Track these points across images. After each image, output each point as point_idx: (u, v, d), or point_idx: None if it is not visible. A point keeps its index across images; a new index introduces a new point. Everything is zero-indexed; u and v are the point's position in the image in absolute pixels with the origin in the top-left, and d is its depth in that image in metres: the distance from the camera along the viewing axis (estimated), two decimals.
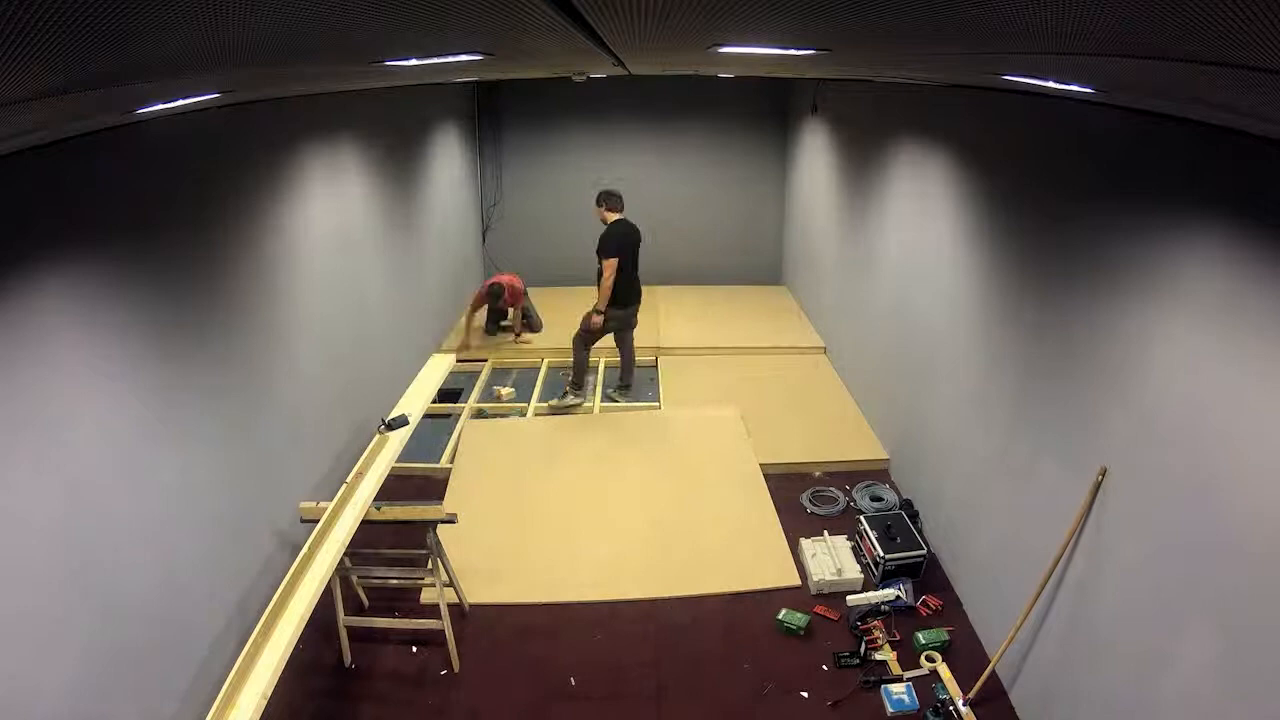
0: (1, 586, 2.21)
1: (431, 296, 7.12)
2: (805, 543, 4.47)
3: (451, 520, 3.65)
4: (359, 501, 3.58)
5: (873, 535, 4.40)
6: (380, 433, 3.98)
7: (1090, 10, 0.97)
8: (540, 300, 8.71)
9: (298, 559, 3.16)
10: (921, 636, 3.79)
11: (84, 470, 2.57)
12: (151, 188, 3.00)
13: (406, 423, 4.07)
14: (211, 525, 3.32)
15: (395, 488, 5.31)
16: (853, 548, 4.49)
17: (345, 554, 3.81)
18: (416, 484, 5.34)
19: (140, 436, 2.87)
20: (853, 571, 4.29)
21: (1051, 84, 2.31)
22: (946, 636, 3.81)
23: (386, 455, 3.88)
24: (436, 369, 4.82)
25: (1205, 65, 1.17)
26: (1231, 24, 0.84)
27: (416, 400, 4.46)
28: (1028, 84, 2.52)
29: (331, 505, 3.49)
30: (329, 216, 4.68)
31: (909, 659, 3.78)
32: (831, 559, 4.35)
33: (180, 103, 2.44)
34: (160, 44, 1.15)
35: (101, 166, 2.70)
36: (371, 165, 5.46)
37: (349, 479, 3.66)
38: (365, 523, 3.56)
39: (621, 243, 5.92)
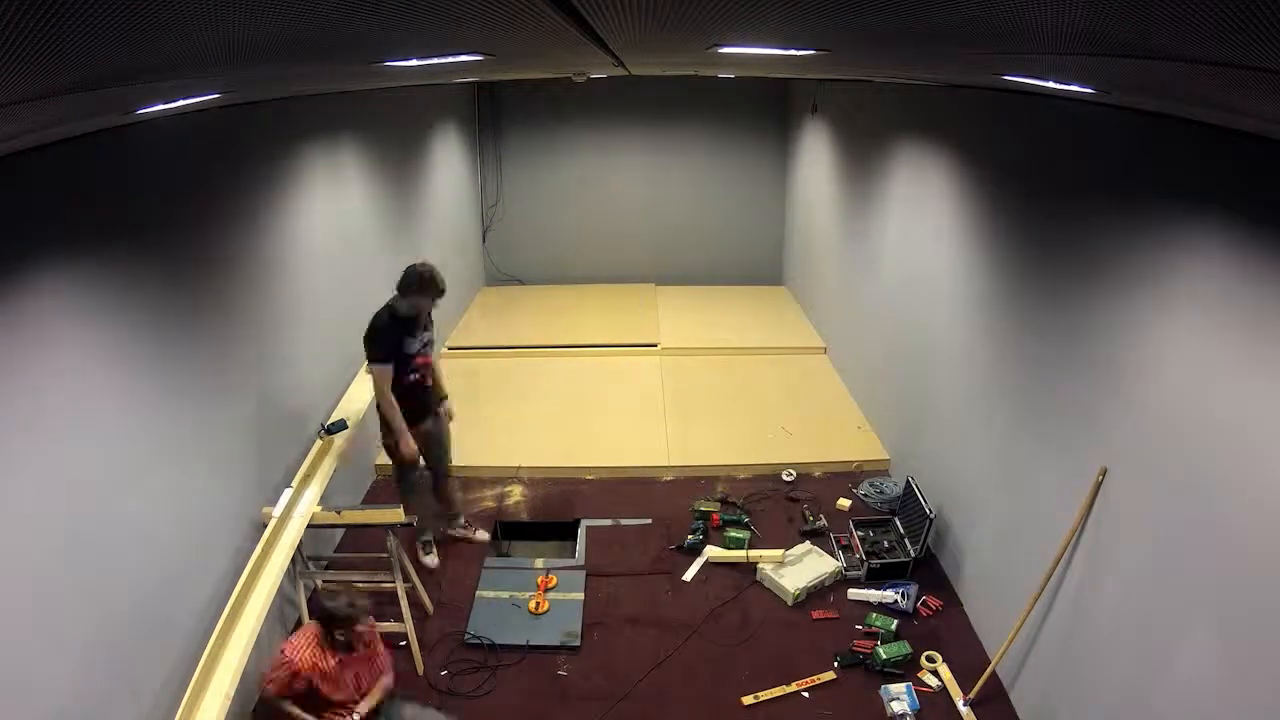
0: (2, 584, 2.21)
1: None
2: (768, 565, 4.37)
3: (410, 524, 3.66)
4: (306, 505, 3.59)
5: (858, 536, 4.56)
6: (321, 438, 3.98)
7: (1091, 10, 0.97)
8: (541, 300, 8.74)
9: (250, 562, 3.19)
10: (882, 652, 3.74)
11: (83, 470, 2.57)
12: (151, 188, 3.00)
13: (345, 427, 4.08)
14: (206, 523, 3.32)
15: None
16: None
17: (308, 559, 3.84)
18: None
19: (138, 436, 2.87)
20: (826, 567, 4.36)
21: (1051, 84, 2.31)
22: (909, 650, 3.77)
23: (330, 459, 3.89)
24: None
25: (1205, 65, 1.17)
26: (1231, 24, 0.84)
27: (353, 404, 4.44)
28: (1028, 84, 2.52)
29: (280, 510, 3.51)
30: (329, 217, 4.68)
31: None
32: (802, 567, 4.37)
33: (180, 103, 2.44)
34: (161, 44, 1.15)
35: (101, 166, 2.69)
36: (372, 166, 5.46)
37: (294, 482, 3.67)
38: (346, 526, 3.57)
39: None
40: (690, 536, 4.67)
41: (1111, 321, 2.85)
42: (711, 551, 4.56)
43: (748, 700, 3.58)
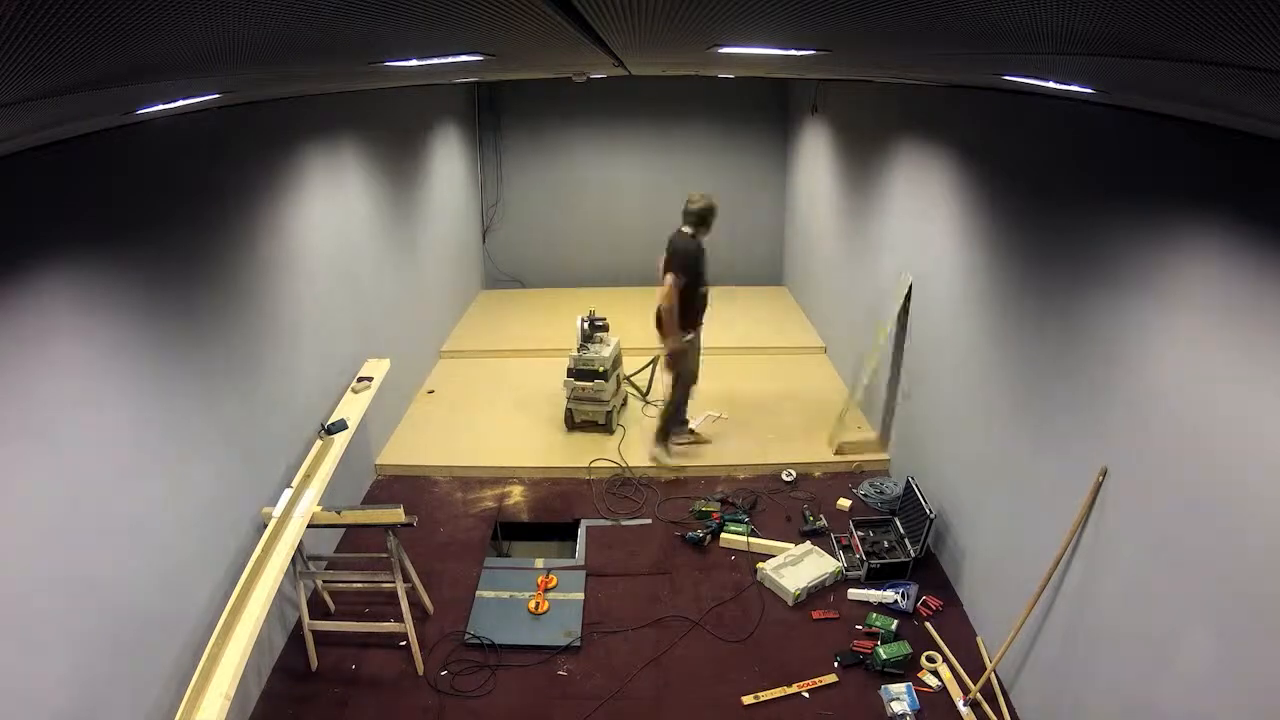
0: (2, 584, 2.21)
1: (431, 297, 7.12)
2: (770, 563, 4.36)
3: (410, 524, 3.66)
4: (306, 505, 3.59)
5: (858, 536, 4.57)
6: (321, 437, 3.99)
7: (1090, 10, 0.97)
8: (541, 301, 8.74)
9: (250, 562, 3.19)
10: (882, 652, 3.73)
11: (83, 471, 2.57)
12: (151, 188, 3.00)
13: (345, 427, 4.07)
14: (206, 524, 3.32)
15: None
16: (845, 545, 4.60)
17: (308, 558, 3.84)
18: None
19: (138, 437, 2.87)
20: (827, 567, 4.35)
21: (1051, 84, 2.31)
22: (909, 650, 3.77)
23: (330, 459, 3.89)
24: (373, 373, 4.81)
25: (1206, 65, 1.17)
26: (1231, 24, 0.84)
27: (355, 405, 4.44)
28: (1028, 84, 2.53)
29: (280, 510, 3.51)
30: (329, 217, 4.68)
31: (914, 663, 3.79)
32: (803, 567, 4.37)
33: (180, 103, 2.44)
34: (161, 44, 1.15)
35: (101, 166, 2.70)
36: (372, 165, 5.46)
37: (294, 483, 3.68)
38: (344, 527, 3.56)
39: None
40: (694, 533, 4.70)
41: (1111, 321, 2.85)
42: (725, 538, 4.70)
43: (748, 700, 3.58)
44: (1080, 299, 3.06)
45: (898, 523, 4.64)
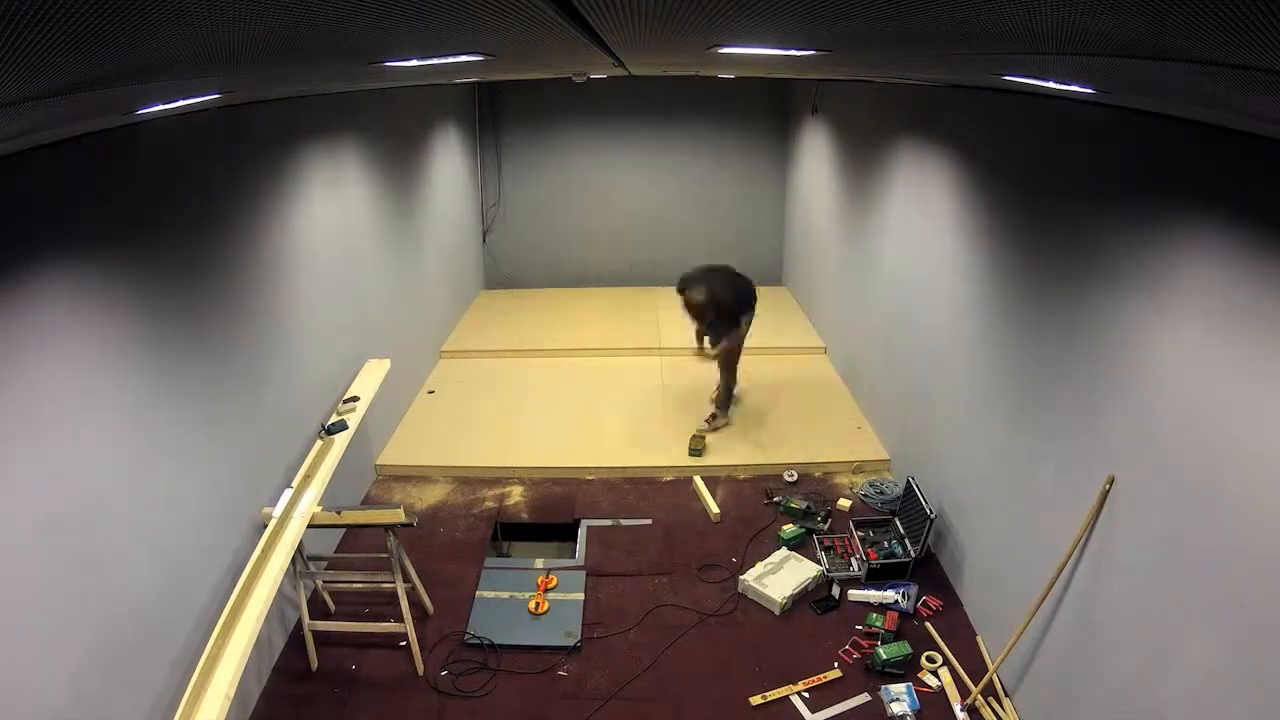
0: (2, 584, 2.21)
1: (431, 297, 7.12)
2: (750, 574, 4.31)
3: (410, 525, 3.66)
4: (306, 505, 3.59)
5: (858, 536, 4.55)
6: (321, 438, 3.99)
7: (1090, 10, 0.97)
8: (542, 301, 8.73)
9: (250, 563, 3.19)
10: (883, 652, 3.72)
11: (83, 471, 2.57)
12: (151, 188, 3.00)
13: (345, 428, 4.08)
14: (206, 524, 3.32)
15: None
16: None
17: (308, 558, 3.84)
18: None
19: (138, 437, 2.87)
20: (808, 572, 4.33)
21: (1051, 84, 2.31)
22: (909, 650, 3.76)
23: (330, 459, 3.89)
24: (373, 373, 4.81)
25: (1205, 65, 1.17)
26: (1231, 24, 0.84)
27: (351, 416, 4.40)
28: (1028, 84, 2.52)
29: (280, 510, 3.51)
30: (329, 218, 4.68)
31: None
32: (784, 574, 4.34)
33: (180, 103, 2.44)
34: (161, 44, 1.15)
35: (101, 166, 2.69)
36: (372, 166, 5.45)
37: (294, 483, 3.68)
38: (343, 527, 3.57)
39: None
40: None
41: (1110, 322, 2.85)
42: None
43: (755, 700, 3.57)
44: (1080, 300, 3.06)
45: (898, 523, 4.64)
